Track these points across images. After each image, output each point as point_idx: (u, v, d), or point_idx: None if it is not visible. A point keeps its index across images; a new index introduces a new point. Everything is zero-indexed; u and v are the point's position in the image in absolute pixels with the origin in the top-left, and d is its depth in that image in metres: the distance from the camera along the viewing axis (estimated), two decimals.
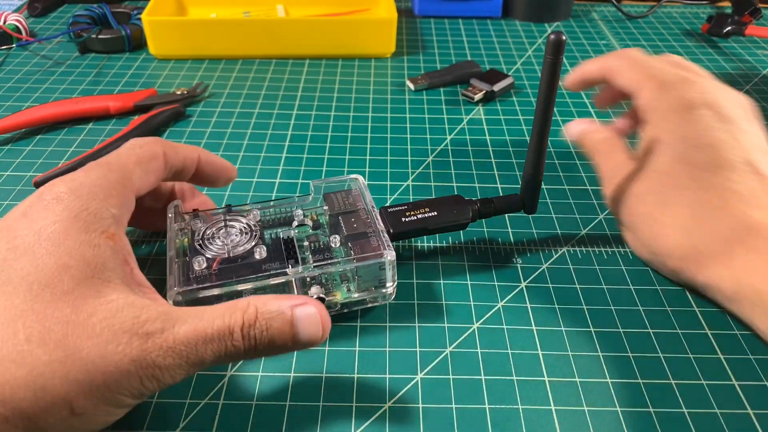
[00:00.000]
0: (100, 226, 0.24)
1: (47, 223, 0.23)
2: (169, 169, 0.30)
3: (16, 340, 0.20)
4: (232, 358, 0.23)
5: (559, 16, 0.70)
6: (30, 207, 0.24)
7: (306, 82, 0.55)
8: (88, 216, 0.24)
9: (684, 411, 0.28)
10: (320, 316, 0.25)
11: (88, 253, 0.23)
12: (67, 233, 0.23)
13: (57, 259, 0.22)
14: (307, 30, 0.58)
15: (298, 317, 0.24)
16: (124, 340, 0.21)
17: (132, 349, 0.21)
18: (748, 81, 0.57)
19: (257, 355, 0.24)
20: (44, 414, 0.20)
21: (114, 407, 0.22)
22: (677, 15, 0.73)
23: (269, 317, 0.23)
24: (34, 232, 0.23)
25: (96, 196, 0.24)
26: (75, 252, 0.22)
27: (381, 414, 0.27)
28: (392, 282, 0.31)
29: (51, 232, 0.23)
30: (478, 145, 0.47)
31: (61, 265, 0.22)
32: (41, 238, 0.23)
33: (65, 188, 0.24)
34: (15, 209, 0.24)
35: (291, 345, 0.24)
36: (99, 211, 0.24)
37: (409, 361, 0.30)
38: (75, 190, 0.24)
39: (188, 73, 0.56)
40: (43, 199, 0.24)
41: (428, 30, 0.67)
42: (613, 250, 0.37)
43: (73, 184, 0.25)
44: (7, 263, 0.22)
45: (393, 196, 0.41)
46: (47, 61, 0.58)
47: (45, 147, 0.45)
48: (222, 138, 0.47)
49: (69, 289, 0.22)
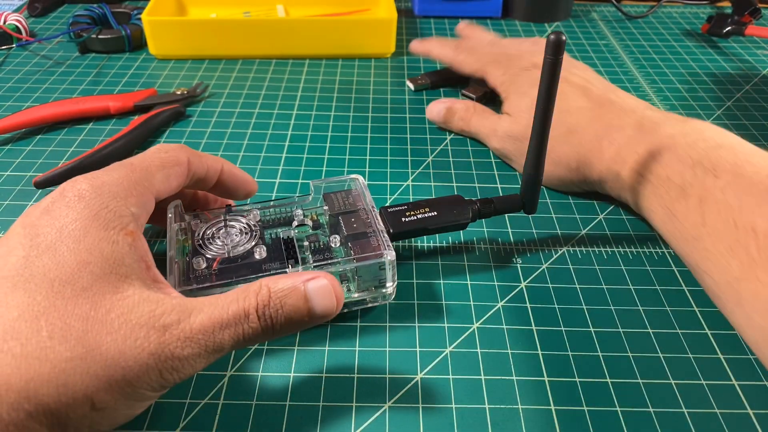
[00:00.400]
0: (119, 223, 0.24)
1: (69, 220, 0.23)
2: (191, 177, 0.30)
3: (39, 336, 0.21)
4: (251, 341, 0.24)
5: (559, 16, 0.70)
6: (53, 203, 0.24)
7: (306, 82, 0.55)
8: (108, 213, 0.24)
9: (684, 411, 0.28)
10: (332, 287, 0.25)
11: (107, 249, 0.23)
12: (87, 230, 0.23)
13: (77, 256, 0.23)
14: (307, 30, 0.58)
15: (311, 290, 0.24)
16: (141, 334, 0.22)
17: (150, 342, 0.22)
18: (748, 81, 0.57)
19: (276, 334, 0.24)
20: (66, 409, 0.21)
21: (135, 401, 0.22)
22: (677, 15, 0.73)
23: (283, 295, 0.24)
24: (57, 229, 0.23)
25: (117, 195, 0.25)
26: (95, 249, 0.23)
27: (381, 414, 0.27)
28: (392, 282, 0.31)
29: (72, 229, 0.23)
30: (478, 145, 0.47)
31: (80, 262, 0.22)
32: (63, 235, 0.23)
33: (87, 186, 0.25)
34: (37, 205, 0.25)
35: (307, 319, 0.25)
36: (119, 209, 0.25)
37: (409, 361, 0.30)
38: (97, 188, 0.25)
39: (188, 73, 0.56)
40: (65, 196, 0.24)
41: (428, 30, 0.67)
42: (613, 250, 0.37)
43: (96, 182, 0.25)
44: (30, 260, 0.22)
45: (393, 196, 0.41)
46: (47, 61, 0.58)
47: (45, 147, 0.45)
48: (222, 138, 0.47)
49: (88, 284, 0.22)
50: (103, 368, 0.21)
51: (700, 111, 0.52)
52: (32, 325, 0.21)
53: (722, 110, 0.52)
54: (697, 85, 0.56)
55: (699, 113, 0.52)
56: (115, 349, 0.21)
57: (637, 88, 0.56)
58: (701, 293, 0.34)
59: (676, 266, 0.36)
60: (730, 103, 0.53)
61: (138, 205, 0.26)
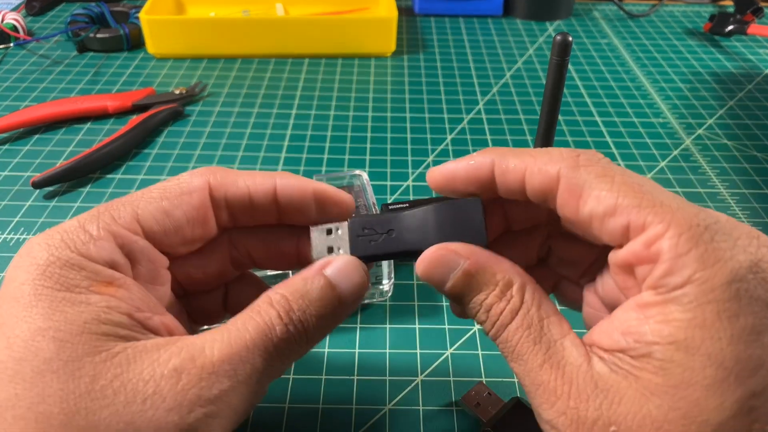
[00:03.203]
0: (87, 275, 0.18)
1: (15, 285, 0.18)
2: (221, 205, 0.22)
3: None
4: (287, 356, 0.19)
5: (560, 14, 0.70)
6: (7, 271, 0.19)
7: (305, 81, 0.55)
8: (64, 268, 0.18)
9: None
10: (353, 260, 0.21)
11: (71, 311, 0.17)
12: (38, 294, 0.17)
13: (29, 324, 0.17)
14: (307, 29, 0.57)
15: (333, 275, 0.20)
16: (149, 391, 0.17)
17: (164, 396, 0.17)
18: (750, 80, 0.57)
19: (311, 339, 0.20)
20: None
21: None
22: (679, 14, 0.72)
23: (303, 293, 0.20)
24: (3, 300, 0.18)
25: (77, 242, 0.19)
26: (53, 313, 0.17)
27: (381, 416, 0.27)
28: (388, 279, 0.30)
29: (18, 295, 0.17)
30: (479, 145, 0.46)
31: (35, 330, 0.17)
32: (4, 301, 0.18)
33: (40, 239, 0.19)
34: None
35: (340, 308, 0.20)
36: (80, 261, 0.18)
37: (409, 362, 0.29)
38: (48, 237, 0.19)
39: (187, 73, 0.56)
40: (19, 255, 0.19)
41: (428, 29, 0.67)
42: None
43: (50, 232, 0.19)
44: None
45: (393, 195, 0.41)
46: (45, 60, 0.58)
47: (43, 147, 0.45)
48: (221, 138, 0.47)
49: (53, 354, 0.16)
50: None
51: (703, 110, 0.52)
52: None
53: (724, 110, 0.52)
54: (699, 85, 0.56)
55: (701, 113, 0.51)
56: (118, 422, 0.16)
57: (639, 88, 0.55)
58: None
59: None
60: (732, 103, 0.53)
61: (125, 246, 0.19)
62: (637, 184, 0.18)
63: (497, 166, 0.20)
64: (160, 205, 0.20)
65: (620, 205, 0.18)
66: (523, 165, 0.20)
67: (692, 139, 0.48)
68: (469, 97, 0.53)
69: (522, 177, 0.20)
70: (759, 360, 0.16)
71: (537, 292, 0.20)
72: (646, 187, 0.18)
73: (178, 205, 0.21)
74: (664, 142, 0.47)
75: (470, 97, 0.53)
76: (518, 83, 0.55)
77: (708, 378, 0.16)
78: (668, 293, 0.17)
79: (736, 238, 0.17)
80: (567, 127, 0.49)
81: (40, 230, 0.37)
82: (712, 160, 0.45)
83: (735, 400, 0.16)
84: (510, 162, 0.20)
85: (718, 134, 0.49)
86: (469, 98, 0.53)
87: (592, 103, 0.52)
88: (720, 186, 0.43)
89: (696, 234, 0.17)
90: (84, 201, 0.40)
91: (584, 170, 0.19)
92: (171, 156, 0.45)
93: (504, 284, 0.20)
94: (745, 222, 0.39)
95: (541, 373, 0.18)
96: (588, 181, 0.19)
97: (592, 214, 0.18)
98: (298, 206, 0.22)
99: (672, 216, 0.17)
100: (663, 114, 0.51)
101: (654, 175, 0.43)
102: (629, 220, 0.18)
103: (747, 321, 0.16)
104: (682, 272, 0.17)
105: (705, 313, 0.16)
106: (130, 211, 0.20)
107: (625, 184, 0.18)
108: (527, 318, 0.19)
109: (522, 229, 0.23)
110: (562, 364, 0.18)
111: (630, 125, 0.49)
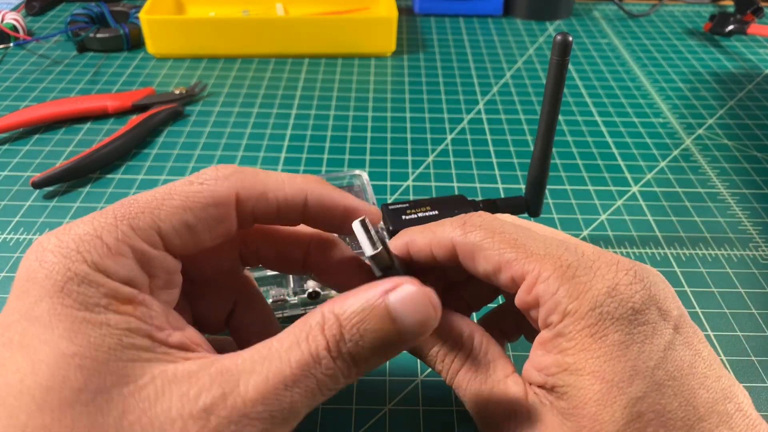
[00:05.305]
0: (105, 293, 0.17)
1: (31, 301, 0.17)
2: (245, 222, 0.21)
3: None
4: (332, 391, 0.18)
5: (560, 14, 0.70)
6: (17, 279, 0.18)
7: (305, 81, 0.55)
8: (79, 285, 0.17)
9: None
10: (423, 292, 0.18)
11: (94, 334, 0.16)
12: (57, 313, 0.16)
13: (53, 349, 0.16)
14: (307, 29, 0.57)
15: (395, 305, 0.18)
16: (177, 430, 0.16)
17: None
18: (751, 80, 0.57)
19: (361, 373, 0.18)
20: None
21: None
22: (679, 14, 0.72)
23: (358, 320, 0.18)
24: (20, 315, 0.17)
25: (90, 255, 0.17)
26: (77, 335, 0.16)
27: (381, 416, 0.27)
28: None
29: (39, 314, 0.17)
30: (479, 145, 0.46)
31: (59, 355, 0.16)
32: (30, 323, 0.17)
33: (50, 244, 0.18)
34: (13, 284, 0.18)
35: (399, 343, 0.18)
36: (94, 277, 0.17)
37: (410, 363, 0.29)
38: (60, 244, 0.17)
39: (187, 72, 0.56)
40: (29, 261, 0.18)
41: (428, 28, 0.67)
42: (615, 251, 0.36)
43: (64, 239, 0.18)
44: (3, 367, 0.16)
45: (393, 196, 0.41)
46: (45, 60, 0.58)
47: (43, 147, 0.45)
48: (221, 138, 0.47)
49: (81, 385, 0.16)
50: None
51: (703, 110, 0.52)
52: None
53: (724, 110, 0.52)
54: (699, 85, 0.56)
55: (701, 113, 0.51)
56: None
57: (639, 88, 0.55)
58: (704, 294, 0.33)
59: (679, 267, 0.35)
60: (732, 103, 0.53)
61: (144, 262, 0.18)
62: (512, 238, 0.21)
63: (409, 246, 0.23)
64: (182, 218, 0.19)
65: (503, 260, 0.21)
66: (427, 240, 0.23)
67: (692, 139, 0.48)
68: (469, 97, 0.53)
69: (430, 251, 0.23)
70: (632, 369, 0.18)
71: (485, 338, 0.22)
72: (520, 239, 0.21)
73: (203, 218, 0.20)
74: (665, 142, 0.47)
75: (470, 97, 0.53)
76: (518, 83, 0.55)
77: (597, 393, 0.19)
78: (554, 328, 0.20)
79: (596, 269, 0.20)
80: (567, 127, 0.49)
81: (40, 230, 0.37)
82: (713, 160, 0.45)
83: (622, 408, 0.18)
84: (418, 240, 0.23)
85: (718, 134, 0.49)
86: (469, 98, 0.53)
87: (592, 103, 0.52)
88: (720, 186, 0.43)
89: (560, 273, 0.20)
90: (84, 201, 0.40)
91: (471, 235, 0.21)
92: (171, 156, 0.44)
93: (455, 336, 0.22)
94: (745, 222, 0.39)
95: (487, 410, 0.21)
96: (476, 243, 0.21)
97: (486, 272, 0.21)
98: (325, 221, 0.22)
99: (540, 262, 0.20)
100: (663, 114, 0.51)
101: (654, 175, 0.43)
102: (512, 273, 0.21)
103: (614, 338, 0.19)
104: (558, 309, 0.20)
105: (582, 338, 0.19)
106: (149, 222, 0.19)
107: (504, 241, 0.21)
108: (474, 363, 0.22)
109: (461, 280, 0.26)
110: (504, 401, 0.21)
111: (630, 125, 0.49)
